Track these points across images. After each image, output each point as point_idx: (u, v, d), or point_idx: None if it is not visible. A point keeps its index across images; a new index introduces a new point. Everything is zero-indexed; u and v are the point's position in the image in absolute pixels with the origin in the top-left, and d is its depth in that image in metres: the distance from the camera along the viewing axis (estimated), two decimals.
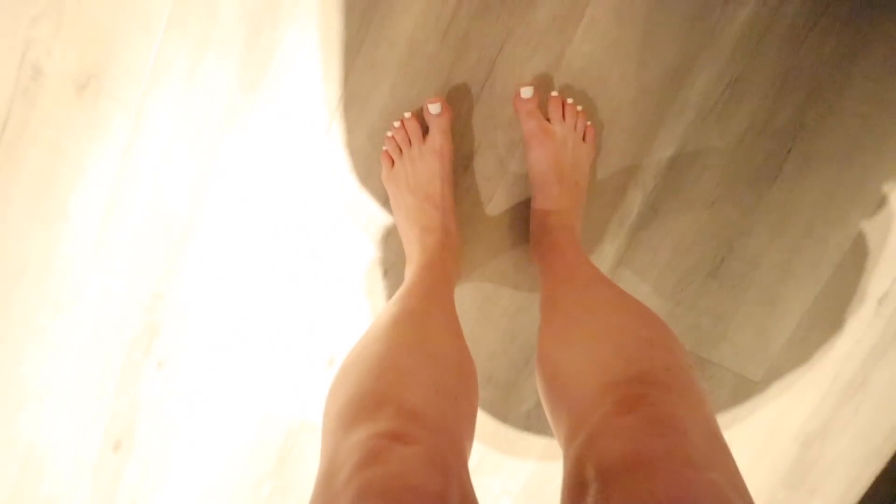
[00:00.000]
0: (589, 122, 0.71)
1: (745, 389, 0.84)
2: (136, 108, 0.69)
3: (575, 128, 0.70)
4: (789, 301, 0.80)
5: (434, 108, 0.67)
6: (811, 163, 0.74)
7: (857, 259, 0.79)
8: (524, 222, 0.76)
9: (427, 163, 0.68)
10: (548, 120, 0.70)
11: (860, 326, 0.82)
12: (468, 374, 0.48)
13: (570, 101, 0.70)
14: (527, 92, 0.68)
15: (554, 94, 0.70)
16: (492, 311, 0.79)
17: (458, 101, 0.71)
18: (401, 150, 0.69)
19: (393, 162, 0.70)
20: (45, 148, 0.70)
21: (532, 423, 0.84)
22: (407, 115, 0.69)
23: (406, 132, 0.69)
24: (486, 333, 0.80)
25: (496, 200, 0.75)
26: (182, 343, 0.78)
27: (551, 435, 0.85)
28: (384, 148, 0.71)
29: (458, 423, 0.42)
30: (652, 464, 0.32)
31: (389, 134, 0.70)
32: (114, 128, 0.70)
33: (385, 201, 0.74)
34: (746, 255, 0.78)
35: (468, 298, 0.78)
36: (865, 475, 0.89)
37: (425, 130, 0.70)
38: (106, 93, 0.69)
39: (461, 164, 0.73)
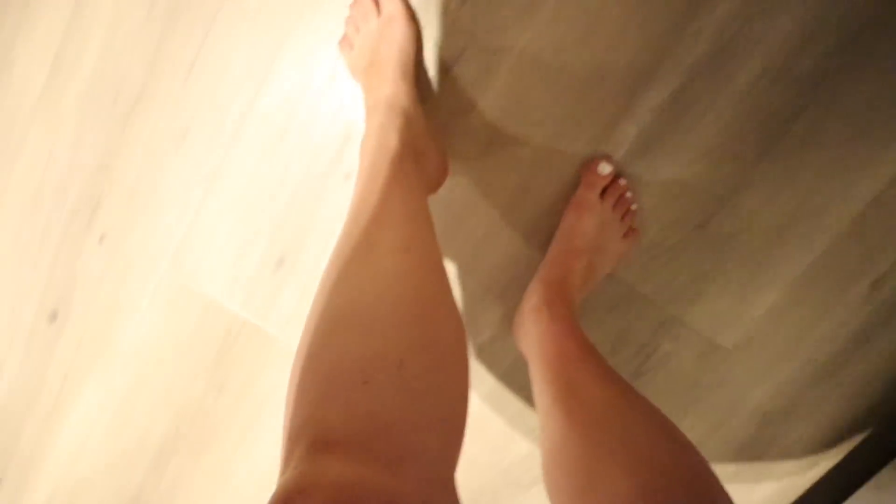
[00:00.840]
0: (635, 227, 0.70)
1: (713, 356, 0.79)
2: None
3: (622, 220, 0.69)
4: (776, 270, 0.74)
5: None
6: (826, 124, 0.67)
7: (855, 237, 0.73)
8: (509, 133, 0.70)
9: (383, 34, 0.63)
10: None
11: (847, 309, 0.76)
12: (428, 324, 0.36)
13: (629, 195, 0.69)
14: (605, 168, 0.67)
15: (622, 182, 0.69)
16: (456, 232, 0.74)
17: None
18: (358, 30, 0.65)
19: (352, 45, 0.65)
20: None
21: (485, 357, 0.81)
22: None
23: (362, 8, 0.64)
24: (445, 256, 0.75)
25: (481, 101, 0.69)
26: (126, 220, 0.74)
27: (504, 367, 0.81)
28: (344, 32, 0.65)
29: (422, 432, 0.31)
30: None
31: (347, 16, 0.66)
32: None
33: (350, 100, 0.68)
34: (738, 214, 0.72)
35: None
36: (820, 465, 0.85)
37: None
38: None
39: (442, 68, 0.67)
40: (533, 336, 0.64)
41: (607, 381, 0.52)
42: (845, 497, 0.84)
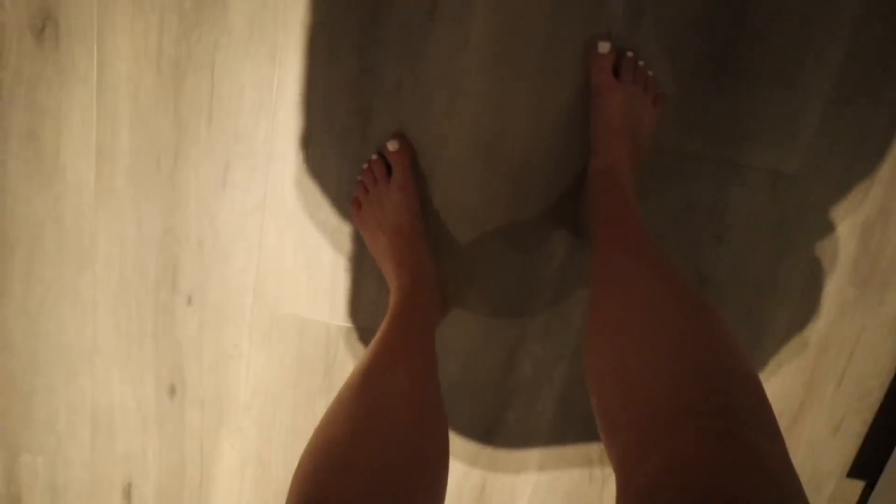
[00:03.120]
0: (660, 91, 0.72)
1: (784, 187, 0.78)
2: (94, 35, 0.69)
3: (645, 90, 0.71)
4: (811, 76, 0.74)
5: (392, 146, 0.71)
6: None
7: (875, 15, 0.72)
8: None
9: (393, 199, 0.71)
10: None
11: (895, 93, 0.75)
12: (429, 444, 0.46)
13: (641, 63, 0.71)
14: (604, 47, 0.69)
15: (629, 54, 0.71)
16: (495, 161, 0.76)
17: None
18: (368, 192, 0.72)
19: (361, 206, 0.73)
20: (22, 105, 0.71)
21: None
22: (373, 156, 0.73)
23: (373, 173, 0.72)
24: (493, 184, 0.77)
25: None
26: (204, 273, 0.79)
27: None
28: (354, 194, 0.74)
29: None
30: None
31: (359, 178, 0.74)
32: (79, 66, 0.70)
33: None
34: (752, 39, 0.72)
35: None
36: None
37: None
38: (64, 31, 0.69)
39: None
40: (591, 236, 0.65)
41: (650, 272, 0.52)
42: None
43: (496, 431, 0.87)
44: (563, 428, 0.86)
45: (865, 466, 0.88)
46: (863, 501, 0.89)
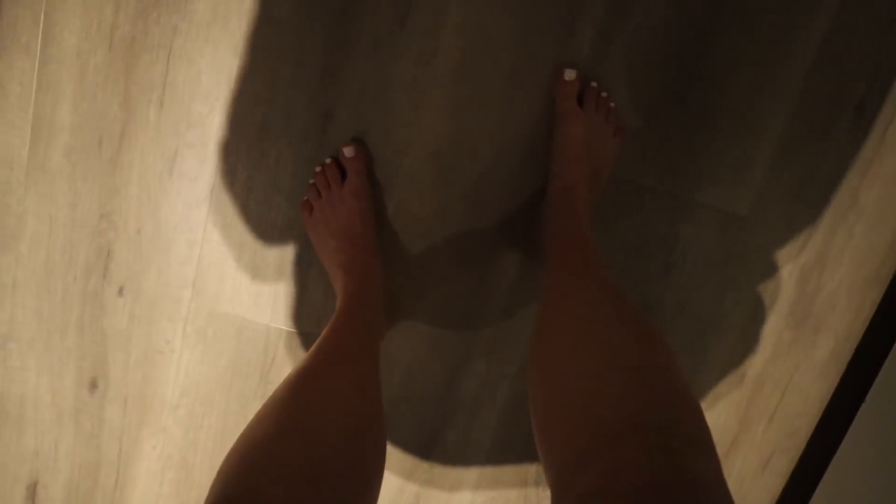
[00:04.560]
0: (621, 123, 0.73)
1: (733, 226, 0.80)
2: (42, 2, 0.65)
3: (607, 120, 0.72)
4: (764, 123, 0.76)
5: (349, 152, 0.70)
6: None
7: (825, 67, 0.75)
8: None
9: (346, 204, 0.70)
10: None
11: (841, 142, 0.78)
12: (364, 449, 0.45)
13: (605, 94, 0.72)
14: (570, 74, 0.70)
15: (594, 84, 0.72)
16: (454, 176, 0.76)
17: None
18: (320, 195, 0.71)
19: (312, 209, 0.71)
20: None
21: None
22: (328, 160, 0.72)
23: (326, 177, 0.71)
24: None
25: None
26: (139, 263, 0.74)
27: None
28: (305, 197, 0.72)
29: None
30: None
31: (311, 181, 0.72)
32: (21, 35, 0.66)
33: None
34: (712, 79, 0.74)
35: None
36: (868, 301, 0.86)
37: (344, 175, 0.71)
38: None
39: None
40: (545, 256, 0.65)
41: (598, 292, 0.53)
42: None
43: (434, 447, 0.85)
44: (503, 448, 0.86)
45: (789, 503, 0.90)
46: None
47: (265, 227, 0.74)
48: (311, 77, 0.70)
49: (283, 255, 0.76)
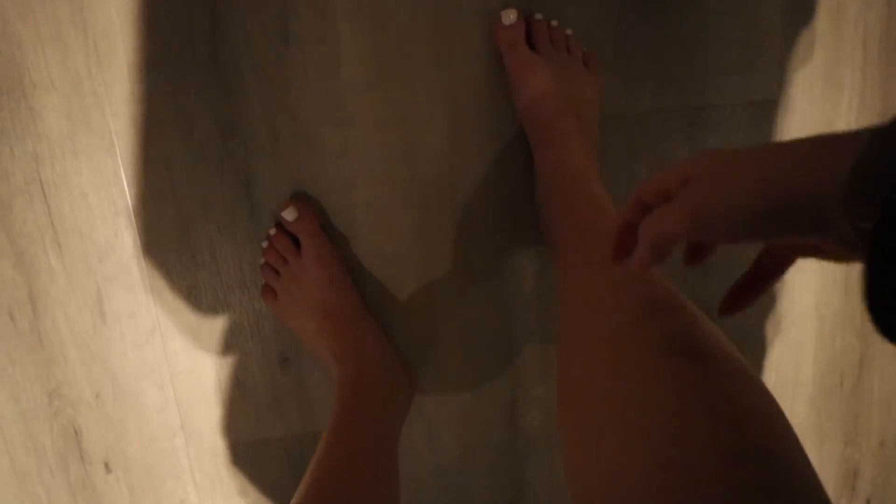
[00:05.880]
0: (586, 50, 0.59)
1: (765, 112, 0.65)
2: None
3: (570, 54, 0.58)
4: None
5: (289, 215, 0.57)
6: None
7: None
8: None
9: (311, 274, 0.57)
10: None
11: None
12: None
13: (555, 23, 0.58)
14: (508, 16, 0.56)
15: (538, 17, 0.58)
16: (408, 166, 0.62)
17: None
18: (278, 274, 0.59)
19: (275, 293, 0.59)
20: None
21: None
22: (271, 231, 0.59)
23: (276, 252, 0.59)
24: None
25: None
26: (112, 430, 0.63)
27: None
28: (264, 282, 0.60)
29: None
30: None
31: (262, 262, 0.60)
32: None
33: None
34: None
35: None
36: None
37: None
38: None
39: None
40: (554, 227, 0.52)
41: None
42: None
43: (523, 499, 0.71)
44: None
45: None
46: None
47: (233, 333, 0.62)
48: (208, 144, 0.57)
49: (266, 357, 0.63)
